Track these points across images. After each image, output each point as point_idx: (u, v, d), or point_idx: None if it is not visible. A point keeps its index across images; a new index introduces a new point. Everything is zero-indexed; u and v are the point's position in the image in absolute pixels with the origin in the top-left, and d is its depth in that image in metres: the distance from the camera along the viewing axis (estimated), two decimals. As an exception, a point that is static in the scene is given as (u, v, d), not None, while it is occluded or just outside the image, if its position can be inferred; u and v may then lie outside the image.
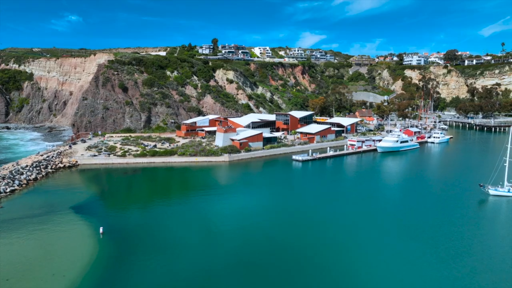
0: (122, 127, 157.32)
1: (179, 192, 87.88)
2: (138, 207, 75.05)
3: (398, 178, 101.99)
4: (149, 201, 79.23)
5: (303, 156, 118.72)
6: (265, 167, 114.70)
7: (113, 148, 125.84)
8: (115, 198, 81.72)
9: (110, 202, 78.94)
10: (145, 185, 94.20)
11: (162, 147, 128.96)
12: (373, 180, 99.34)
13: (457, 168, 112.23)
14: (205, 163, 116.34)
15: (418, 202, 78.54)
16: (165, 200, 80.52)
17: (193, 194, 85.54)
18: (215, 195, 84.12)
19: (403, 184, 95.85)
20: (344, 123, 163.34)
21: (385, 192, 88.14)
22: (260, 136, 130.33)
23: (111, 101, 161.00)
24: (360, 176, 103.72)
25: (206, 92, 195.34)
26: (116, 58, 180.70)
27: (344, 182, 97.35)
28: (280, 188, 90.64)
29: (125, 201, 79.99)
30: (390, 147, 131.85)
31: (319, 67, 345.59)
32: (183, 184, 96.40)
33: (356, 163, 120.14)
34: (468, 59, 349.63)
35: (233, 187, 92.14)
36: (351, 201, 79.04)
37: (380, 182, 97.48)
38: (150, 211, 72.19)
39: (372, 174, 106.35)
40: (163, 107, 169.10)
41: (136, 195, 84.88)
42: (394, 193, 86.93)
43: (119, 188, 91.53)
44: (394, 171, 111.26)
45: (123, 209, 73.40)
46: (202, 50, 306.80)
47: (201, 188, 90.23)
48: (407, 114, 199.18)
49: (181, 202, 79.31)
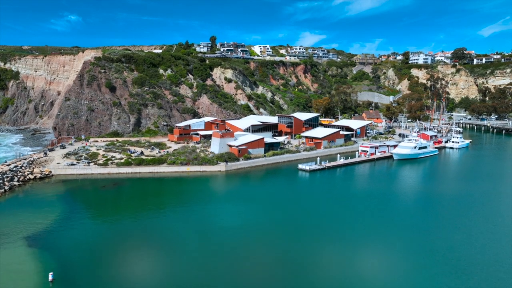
0: (109, 130, 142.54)
1: (164, 213, 72.96)
2: (110, 237, 60.33)
3: (422, 193, 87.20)
4: (124, 228, 64.45)
5: (311, 165, 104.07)
6: (267, 178, 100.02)
7: (95, 155, 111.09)
8: (83, 225, 66.36)
9: (76, 230, 63.89)
10: (125, 203, 79.27)
11: (151, 154, 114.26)
12: (393, 196, 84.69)
13: (489, 180, 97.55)
14: (199, 173, 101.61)
15: (448, 225, 63.95)
16: (144, 225, 65.69)
17: (181, 215, 70.76)
18: (206, 215, 69.38)
19: (429, 201, 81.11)
20: (353, 126, 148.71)
21: (408, 211, 73.47)
22: (261, 141, 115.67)
23: (97, 102, 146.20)
24: (378, 190, 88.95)
25: (202, 92, 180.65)
26: (104, 55, 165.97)
27: (360, 198, 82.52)
28: (286, 205, 75.95)
29: (95, 229, 64.93)
30: (407, 154, 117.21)
31: (322, 66, 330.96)
32: (170, 200, 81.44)
33: (370, 173, 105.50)
34: (477, 58, 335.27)
35: (229, 204, 77.37)
36: (369, 222, 64.39)
37: (401, 199, 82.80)
38: (124, 245, 57.48)
39: (391, 188, 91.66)
40: (155, 108, 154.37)
41: (111, 218, 69.96)
42: (419, 213, 72.20)
43: (93, 207, 76.56)
44: (415, 185, 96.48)
45: (88, 243, 58.40)
46: (200, 48, 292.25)
47: (191, 206, 75.52)
48: (419, 116, 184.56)
49: (165, 230, 64.52)
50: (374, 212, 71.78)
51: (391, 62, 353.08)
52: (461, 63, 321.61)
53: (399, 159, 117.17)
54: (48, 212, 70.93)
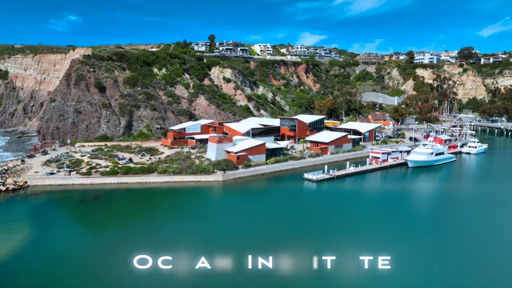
0: (97, 134, 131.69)
1: (148, 235, 61.92)
2: (77, 272, 49.53)
3: (448, 208, 76.37)
4: (98, 257, 53.60)
5: (318, 174, 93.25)
6: (270, 190, 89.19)
7: (78, 162, 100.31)
8: (46, 255, 54.82)
9: (35, 263, 52.83)
10: (103, 221, 68.34)
11: (141, 161, 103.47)
12: (414, 212, 73.91)
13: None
14: (192, 184, 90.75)
15: (488, 254, 53.25)
16: (123, 253, 54.77)
17: (167, 238, 59.83)
18: (199, 236, 58.47)
19: (458, 218, 70.36)
20: (361, 129, 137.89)
21: (437, 232, 62.68)
22: (262, 147, 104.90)
23: (85, 103, 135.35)
24: (395, 204, 78.18)
25: (199, 92, 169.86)
26: (94, 53, 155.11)
27: (377, 214, 71.62)
28: (292, 222, 65.11)
29: (61, 260, 54.09)
30: (423, 161, 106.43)
31: (324, 65, 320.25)
32: (157, 218, 70.41)
33: (384, 184, 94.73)
34: (484, 57, 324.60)
35: (226, 223, 66.47)
36: (391, 245, 53.59)
37: (425, 217, 71.99)
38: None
39: (410, 202, 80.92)
40: (148, 110, 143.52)
41: (82, 244, 59.19)
42: (449, 234, 61.42)
43: (65, 227, 65.56)
44: (438, 197, 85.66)
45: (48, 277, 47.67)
46: (198, 47, 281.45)
47: (181, 223, 64.73)
48: (430, 118, 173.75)
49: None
50: (396, 232, 61.02)
51: (395, 62, 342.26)
52: (468, 63, 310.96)
53: (414, 167, 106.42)
54: (8, 234, 60.01)
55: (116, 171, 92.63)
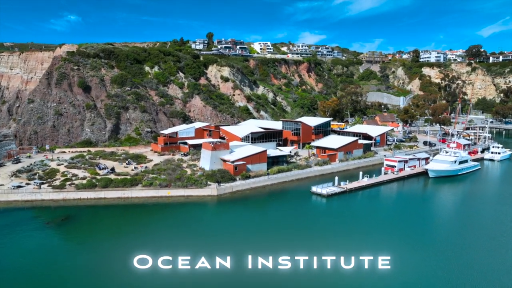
0: (80, 139, 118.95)
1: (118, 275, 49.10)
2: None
3: (488, 230, 63.77)
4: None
5: (328, 188, 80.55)
6: (271, 207, 76.21)
7: (53, 173, 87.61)
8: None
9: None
10: (67, 252, 55.57)
11: (125, 171, 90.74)
12: (449, 240, 61.26)
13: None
14: (182, 199, 78.03)
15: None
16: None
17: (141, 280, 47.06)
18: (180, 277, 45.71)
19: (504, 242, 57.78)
20: (372, 133, 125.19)
21: (483, 264, 50.15)
22: (263, 155, 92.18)
23: (67, 105, 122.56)
24: (424, 225, 65.48)
25: (194, 92, 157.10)
26: (79, 50, 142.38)
27: (405, 242, 58.89)
28: (301, 252, 52.31)
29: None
30: (446, 170, 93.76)
31: (326, 64, 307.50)
32: (133, 246, 57.52)
33: (405, 199, 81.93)
34: (493, 56, 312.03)
35: (216, 250, 53.61)
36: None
37: (463, 244, 59.34)
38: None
39: (440, 223, 68.22)
40: (137, 111, 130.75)
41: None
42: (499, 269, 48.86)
43: (19, 263, 52.82)
44: (470, 216, 72.94)
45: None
46: (196, 45, 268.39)
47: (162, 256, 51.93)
48: (444, 119, 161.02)
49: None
50: (434, 269, 48.43)
51: (400, 60, 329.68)
52: (476, 61, 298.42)
53: (436, 177, 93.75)
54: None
55: (94, 184, 79.93)
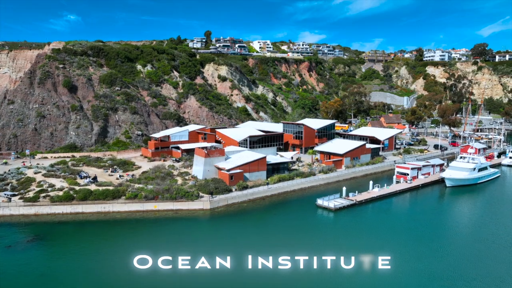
0: (64, 143, 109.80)
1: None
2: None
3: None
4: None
5: (335, 200, 71.53)
6: (271, 225, 66.61)
7: (28, 183, 78.57)
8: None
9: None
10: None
11: (109, 179, 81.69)
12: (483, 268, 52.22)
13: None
14: (170, 213, 68.91)
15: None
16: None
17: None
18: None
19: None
20: (380, 136, 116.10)
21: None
22: (262, 162, 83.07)
23: (50, 106, 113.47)
24: (449, 248, 56.46)
25: (189, 92, 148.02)
26: (66, 47, 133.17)
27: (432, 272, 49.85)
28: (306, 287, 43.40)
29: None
30: (465, 179, 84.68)
31: (327, 63, 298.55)
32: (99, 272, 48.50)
33: (422, 213, 72.63)
34: (499, 55, 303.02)
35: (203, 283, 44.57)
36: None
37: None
38: None
39: (468, 242, 59.14)
40: (127, 113, 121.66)
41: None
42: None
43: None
44: (501, 233, 63.93)
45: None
46: (193, 43, 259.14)
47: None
48: (455, 121, 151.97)
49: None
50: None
51: (404, 59, 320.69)
52: (482, 60, 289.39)
53: (453, 186, 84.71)
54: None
55: (71, 196, 70.83)
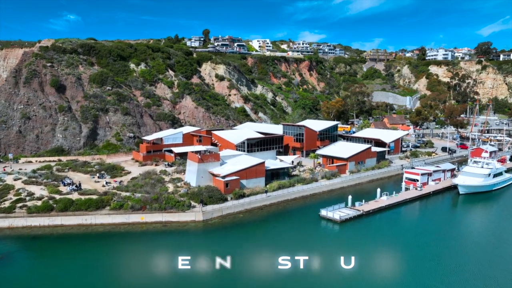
0: (50, 146, 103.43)
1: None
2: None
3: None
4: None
5: (340, 211, 65.21)
6: (271, 239, 60.11)
7: (5, 191, 72.19)
8: None
9: None
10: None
11: (95, 187, 75.35)
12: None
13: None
14: (159, 226, 62.52)
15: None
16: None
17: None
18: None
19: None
20: (385, 138, 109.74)
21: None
22: (260, 168, 76.70)
23: (36, 107, 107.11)
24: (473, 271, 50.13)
25: (185, 92, 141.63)
26: (54, 45, 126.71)
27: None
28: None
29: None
30: (479, 186, 78.38)
31: (328, 62, 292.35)
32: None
33: (436, 225, 66.14)
34: (503, 54, 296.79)
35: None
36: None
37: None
38: None
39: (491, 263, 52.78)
40: (118, 114, 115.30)
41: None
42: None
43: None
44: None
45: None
46: (191, 42, 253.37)
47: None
48: (462, 122, 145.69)
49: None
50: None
51: (406, 58, 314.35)
52: (486, 59, 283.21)
53: (467, 193, 78.41)
54: None
55: (51, 206, 64.50)
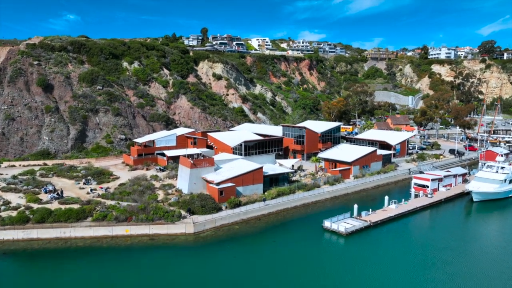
0: (36, 149, 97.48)
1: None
2: None
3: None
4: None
5: (345, 221, 59.34)
6: (269, 255, 54.08)
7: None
8: None
9: None
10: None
11: (79, 194, 69.44)
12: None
13: None
14: (145, 239, 56.54)
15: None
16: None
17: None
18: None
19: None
20: (391, 140, 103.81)
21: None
22: (258, 173, 70.71)
23: (21, 107, 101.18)
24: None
25: (180, 92, 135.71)
26: (43, 42, 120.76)
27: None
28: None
29: None
30: (495, 192, 72.49)
31: (329, 61, 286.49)
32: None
33: (452, 238, 60.13)
34: (507, 52, 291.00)
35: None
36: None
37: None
38: None
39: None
40: (109, 115, 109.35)
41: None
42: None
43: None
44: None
45: None
46: (189, 41, 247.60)
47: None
48: (469, 122, 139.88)
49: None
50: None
51: (408, 57, 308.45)
52: (490, 58, 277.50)
53: (481, 200, 72.54)
54: None
55: (27, 217, 58.56)
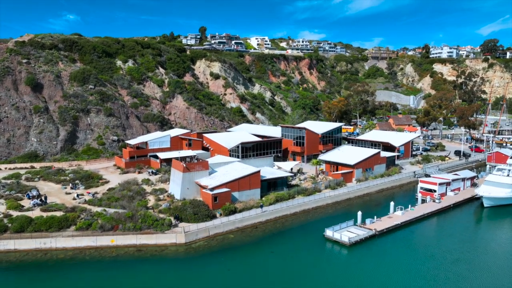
0: (23, 151, 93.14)
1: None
2: None
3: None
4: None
5: (348, 230, 55.05)
6: (266, 269, 49.82)
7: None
8: None
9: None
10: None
11: (64, 199, 65.13)
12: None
13: None
14: (132, 250, 52.22)
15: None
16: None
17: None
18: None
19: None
20: (394, 141, 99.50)
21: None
22: (255, 178, 66.36)
23: (8, 107, 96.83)
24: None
25: (176, 91, 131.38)
26: (33, 40, 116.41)
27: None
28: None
29: None
30: (507, 197, 68.18)
31: (329, 61, 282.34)
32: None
33: (466, 248, 55.78)
34: (510, 51, 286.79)
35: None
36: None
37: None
38: None
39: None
40: (101, 115, 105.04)
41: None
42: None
43: None
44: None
45: None
46: (187, 40, 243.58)
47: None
48: (475, 123, 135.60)
49: None
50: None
51: (409, 57, 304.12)
52: (493, 57, 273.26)
53: (492, 206, 68.28)
54: None
55: (5, 226, 54.26)
